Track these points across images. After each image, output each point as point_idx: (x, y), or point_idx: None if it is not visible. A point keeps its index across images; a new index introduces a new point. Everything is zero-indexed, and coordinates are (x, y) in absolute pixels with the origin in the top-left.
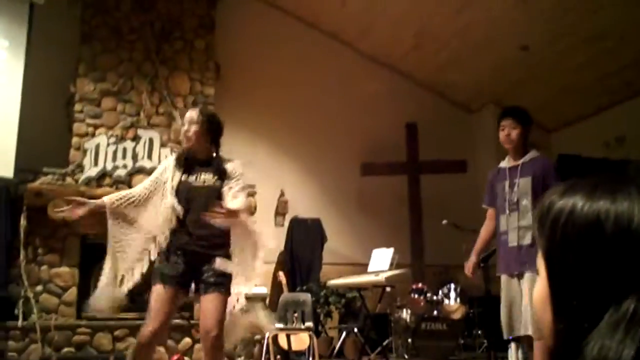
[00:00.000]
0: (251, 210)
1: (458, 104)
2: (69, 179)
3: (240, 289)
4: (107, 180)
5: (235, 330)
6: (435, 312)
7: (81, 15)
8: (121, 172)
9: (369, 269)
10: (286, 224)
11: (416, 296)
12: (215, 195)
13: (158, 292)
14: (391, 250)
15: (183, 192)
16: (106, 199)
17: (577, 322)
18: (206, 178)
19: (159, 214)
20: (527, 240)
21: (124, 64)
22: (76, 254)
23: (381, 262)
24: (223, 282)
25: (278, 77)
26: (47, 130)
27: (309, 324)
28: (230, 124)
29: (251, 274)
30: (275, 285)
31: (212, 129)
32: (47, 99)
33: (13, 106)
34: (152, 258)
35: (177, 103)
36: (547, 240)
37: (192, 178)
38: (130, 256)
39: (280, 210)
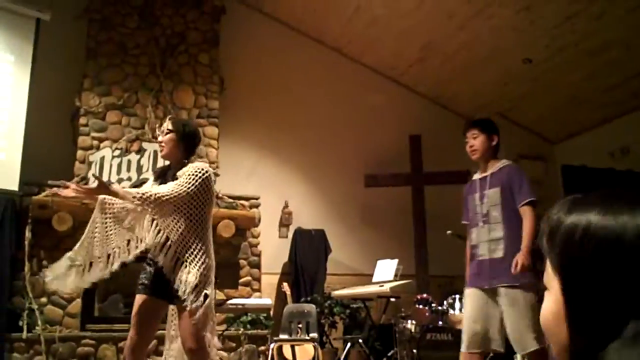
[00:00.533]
0: (150, 201)
1: (462, 115)
2: (73, 183)
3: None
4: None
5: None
6: (440, 323)
7: (87, 30)
8: (125, 185)
9: (374, 280)
10: (290, 235)
11: (421, 307)
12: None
13: (136, 302)
14: (395, 261)
15: None
16: (102, 197)
17: (596, 337)
18: (168, 185)
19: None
20: (499, 253)
21: (129, 78)
22: None
23: (385, 272)
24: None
25: (282, 90)
26: (52, 143)
27: (314, 334)
28: (235, 136)
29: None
30: (280, 297)
31: (184, 139)
32: (52, 112)
33: (19, 119)
34: (120, 259)
35: (182, 116)
36: (560, 257)
37: (157, 183)
38: (103, 249)
39: (285, 222)
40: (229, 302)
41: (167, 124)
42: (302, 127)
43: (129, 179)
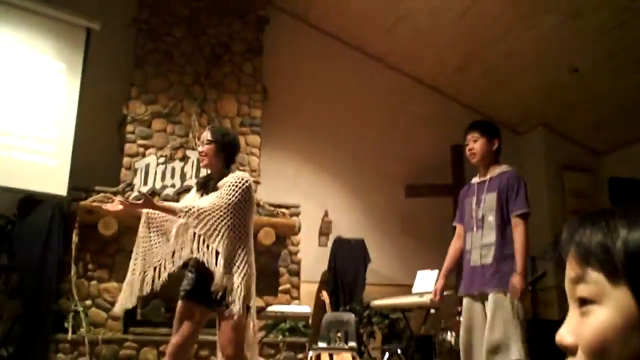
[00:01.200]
0: (194, 215)
1: (505, 125)
2: (119, 197)
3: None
4: (156, 199)
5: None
6: None
7: (135, 39)
8: (169, 191)
9: (414, 290)
10: (330, 243)
11: (461, 319)
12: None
13: (177, 308)
14: (436, 272)
15: None
16: (146, 211)
17: None
18: (211, 197)
19: None
20: (488, 259)
21: (174, 87)
22: (124, 269)
23: (426, 283)
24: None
25: (323, 98)
26: (100, 150)
27: (353, 344)
28: (276, 145)
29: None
30: (318, 305)
31: (224, 148)
32: (101, 120)
33: (69, 127)
34: (167, 271)
35: (225, 125)
36: (629, 264)
37: (199, 195)
38: (150, 262)
39: (324, 231)
40: (269, 309)
41: (207, 134)
42: (343, 136)
43: (173, 185)
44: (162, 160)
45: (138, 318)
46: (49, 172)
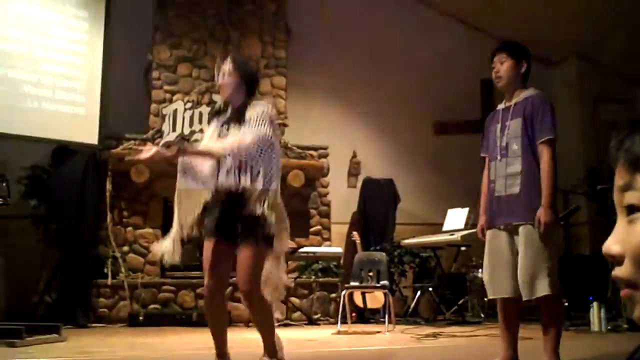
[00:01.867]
0: (241, 147)
1: (536, 57)
2: (149, 144)
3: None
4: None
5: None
6: None
7: None
8: (198, 136)
9: (444, 229)
10: (359, 184)
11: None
12: None
13: (205, 247)
14: (466, 209)
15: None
16: (181, 159)
17: None
18: (233, 128)
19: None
20: (515, 188)
21: (197, 30)
22: (159, 216)
23: (456, 221)
24: (252, 233)
25: (349, 37)
26: (128, 97)
27: (384, 282)
28: (302, 86)
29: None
30: (349, 245)
31: (245, 79)
32: (127, 67)
33: (95, 75)
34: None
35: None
36: None
37: (224, 130)
38: (189, 206)
39: (353, 171)
40: (301, 250)
41: (227, 66)
42: (369, 75)
43: (201, 130)
44: (189, 105)
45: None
46: (79, 122)
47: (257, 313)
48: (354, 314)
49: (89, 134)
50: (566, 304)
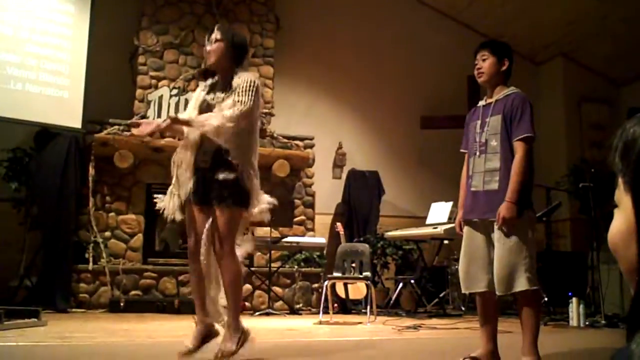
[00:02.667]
0: (231, 120)
1: (524, 56)
2: (133, 130)
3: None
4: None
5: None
6: None
7: None
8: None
9: (427, 222)
10: (344, 176)
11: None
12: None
13: (186, 213)
14: (450, 203)
15: (202, 111)
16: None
17: None
18: (218, 95)
19: None
20: (493, 185)
21: (185, 17)
22: (142, 201)
23: (440, 215)
24: (228, 196)
25: (338, 28)
26: (112, 82)
27: (367, 273)
28: (290, 76)
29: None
30: (333, 236)
31: (233, 48)
32: (112, 52)
33: (80, 59)
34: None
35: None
36: (635, 173)
37: (209, 96)
38: (186, 177)
39: (338, 162)
40: (284, 240)
41: (216, 34)
42: (357, 67)
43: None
44: (174, 92)
45: (157, 249)
46: (63, 105)
47: (226, 271)
48: (336, 305)
49: (72, 118)
50: (546, 299)
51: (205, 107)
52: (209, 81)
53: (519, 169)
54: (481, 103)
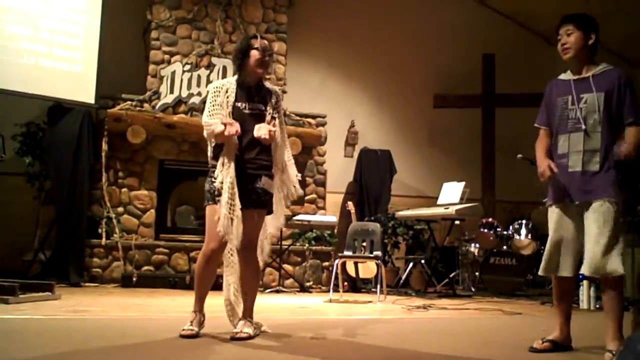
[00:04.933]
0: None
1: (540, 35)
2: (146, 106)
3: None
4: (183, 108)
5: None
6: (504, 247)
7: None
8: (195, 100)
9: (439, 202)
10: (356, 154)
11: (486, 230)
12: (260, 121)
13: (210, 211)
14: (462, 184)
15: (235, 117)
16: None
17: None
18: (256, 106)
19: None
20: (593, 165)
21: None
22: (154, 177)
23: (451, 195)
24: (265, 201)
25: (351, 5)
26: (125, 57)
27: (378, 253)
28: (303, 53)
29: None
30: (344, 215)
31: (271, 60)
32: (125, 26)
33: (93, 33)
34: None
35: (250, 31)
36: None
37: (243, 104)
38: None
39: (350, 141)
40: (295, 218)
41: (270, 48)
42: (371, 45)
43: (199, 94)
44: (187, 67)
45: (168, 225)
46: (76, 80)
47: (252, 269)
48: (346, 283)
49: (85, 93)
50: None
51: (242, 115)
52: (233, 86)
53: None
54: (567, 77)
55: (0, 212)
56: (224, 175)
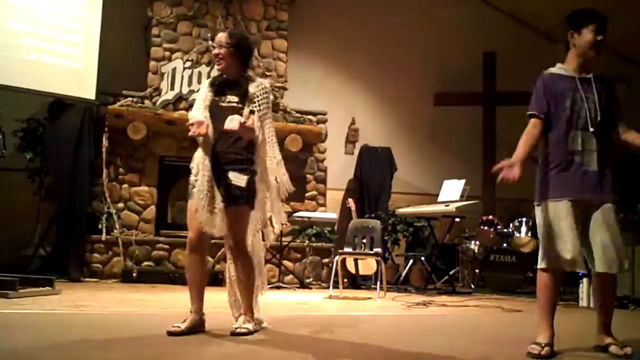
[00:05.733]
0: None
1: (541, 33)
2: (147, 102)
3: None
4: (183, 104)
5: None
6: (504, 245)
7: None
8: (196, 97)
9: (439, 199)
10: (356, 152)
11: (486, 228)
12: (236, 114)
13: (189, 206)
14: (462, 181)
15: (212, 112)
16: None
17: None
18: (231, 99)
19: None
20: (607, 165)
21: None
22: (155, 174)
23: (452, 192)
24: (238, 196)
25: (352, 2)
26: (126, 54)
27: (378, 249)
28: (304, 50)
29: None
30: (344, 212)
31: (241, 52)
32: (126, 23)
33: (94, 30)
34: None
35: (251, 28)
36: None
37: (220, 98)
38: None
39: (351, 138)
40: (295, 214)
41: (225, 38)
42: (371, 42)
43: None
44: (188, 64)
45: (169, 221)
46: (77, 76)
47: (242, 267)
48: (345, 280)
49: (86, 89)
50: None
51: (217, 109)
52: (215, 81)
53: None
54: (568, 73)
55: (0, 207)
56: (200, 169)
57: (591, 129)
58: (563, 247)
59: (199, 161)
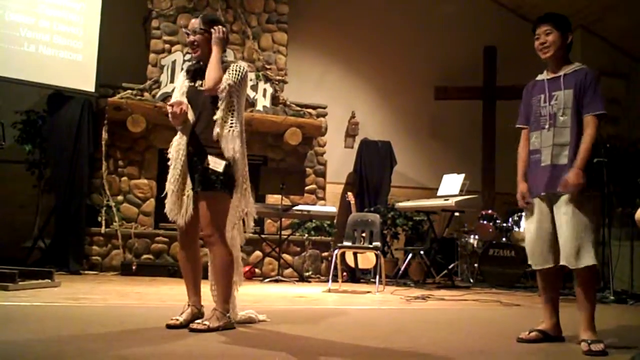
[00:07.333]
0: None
1: None
2: (146, 95)
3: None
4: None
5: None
6: (503, 239)
7: None
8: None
9: (439, 194)
10: (356, 145)
11: (485, 222)
12: (213, 98)
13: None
14: (462, 176)
15: (189, 98)
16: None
17: None
18: (202, 82)
19: None
20: (562, 159)
21: None
22: (154, 166)
23: (451, 187)
24: (216, 181)
25: None
26: (126, 47)
27: (377, 243)
28: (304, 43)
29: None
30: (343, 205)
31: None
32: (126, 15)
33: (94, 22)
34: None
35: (251, 21)
36: None
37: (197, 83)
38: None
39: (351, 132)
40: (295, 208)
41: (198, 24)
42: (371, 36)
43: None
44: (188, 57)
45: None
46: (76, 68)
47: (216, 256)
48: (345, 274)
49: (85, 81)
50: None
51: (195, 94)
52: (191, 68)
53: (590, 143)
54: (543, 77)
55: (0, 199)
56: (177, 156)
57: (546, 126)
58: (528, 249)
59: (177, 147)
